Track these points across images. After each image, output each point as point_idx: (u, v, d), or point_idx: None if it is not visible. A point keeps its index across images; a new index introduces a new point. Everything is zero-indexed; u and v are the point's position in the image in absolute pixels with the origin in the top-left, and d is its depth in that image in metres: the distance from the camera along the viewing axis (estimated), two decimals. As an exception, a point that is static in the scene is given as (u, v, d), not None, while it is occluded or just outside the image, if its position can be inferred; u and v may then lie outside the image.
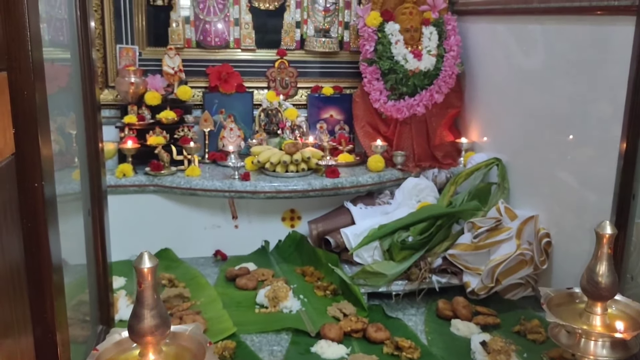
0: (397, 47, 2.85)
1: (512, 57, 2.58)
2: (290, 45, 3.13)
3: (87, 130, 1.74)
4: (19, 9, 0.97)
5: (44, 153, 1.01)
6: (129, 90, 2.77)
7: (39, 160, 1.00)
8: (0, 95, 0.92)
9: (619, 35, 1.90)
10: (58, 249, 1.12)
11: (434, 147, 2.93)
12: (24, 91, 1.00)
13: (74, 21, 1.62)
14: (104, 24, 2.87)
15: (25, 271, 1.03)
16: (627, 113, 1.86)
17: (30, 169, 1.00)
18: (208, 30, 3.05)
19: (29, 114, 1.00)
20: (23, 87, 0.99)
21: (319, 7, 3.11)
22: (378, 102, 2.86)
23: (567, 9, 2.14)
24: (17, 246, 0.99)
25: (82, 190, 1.70)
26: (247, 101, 3.01)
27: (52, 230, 1.06)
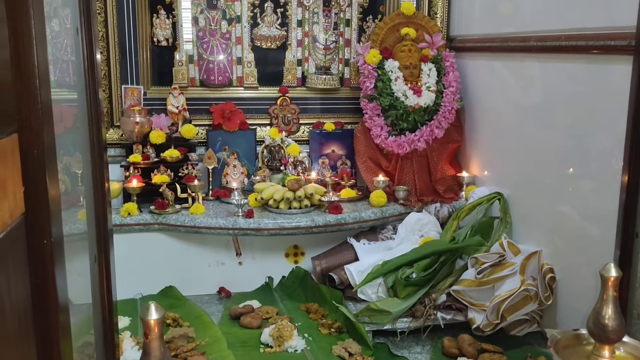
0: (397, 84, 2.90)
1: (510, 92, 2.63)
2: (292, 82, 3.19)
3: (94, 169, 1.76)
4: (30, 69, 1.01)
5: (53, 210, 1.03)
6: (134, 130, 2.81)
7: (48, 218, 1.02)
8: (11, 157, 0.95)
9: (616, 72, 1.94)
10: (65, 291, 1.13)
11: (435, 182, 2.95)
12: (33, 150, 1.02)
13: (81, 63, 1.65)
14: (110, 65, 2.92)
15: (31, 312, 1.04)
16: (628, 150, 1.89)
17: (39, 227, 1.02)
18: (211, 69, 3.11)
19: (38, 172, 1.02)
20: (33, 146, 1.02)
21: (320, 46, 3.18)
22: (379, 137, 2.90)
23: (564, 48, 2.18)
24: (23, 289, 1.01)
25: (88, 230, 1.72)
26: (250, 138, 3.05)
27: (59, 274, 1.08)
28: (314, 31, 3.17)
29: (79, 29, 1.56)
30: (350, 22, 3.20)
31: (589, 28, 2.06)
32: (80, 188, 1.69)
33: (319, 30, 3.16)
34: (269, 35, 3.14)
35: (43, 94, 1.04)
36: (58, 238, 1.08)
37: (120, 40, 2.93)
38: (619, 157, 1.93)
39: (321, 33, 3.17)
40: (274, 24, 3.14)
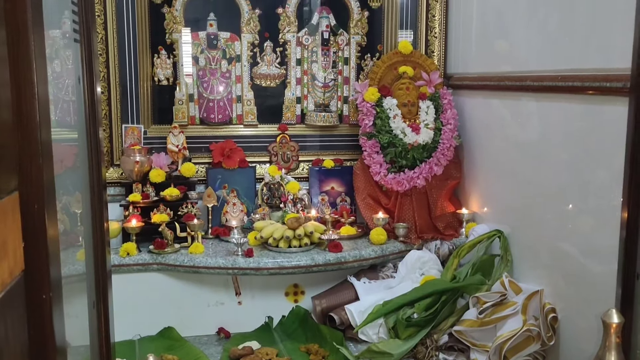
0: (396, 121, 2.92)
1: (508, 129, 2.65)
2: (291, 119, 3.21)
3: (93, 209, 1.75)
4: (32, 122, 1.01)
5: (52, 265, 1.03)
6: (134, 169, 2.82)
7: (48, 274, 1.02)
8: (12, 216, 0.95)
9: (613, 112, 1.95)
10: (63, 338, 1.12)
11: (435, 219, 2.95)
12: (34, 204, 1.03)
13: (82, 103, 1.66)
14: (111, 104, 2.95)
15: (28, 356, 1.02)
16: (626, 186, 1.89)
17: (38, 283, 1.01)
18: (211, 107, 3.14)
19: (38, 227, 1.02)
20: (33, 200, 1.02)
21: (319, 84, 3.21)
22: (378, 174, 2.91)
23: (561, 88, 2.21)
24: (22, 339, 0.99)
25: (87, 272, 1.71)
26: (250, 176, 3.06)
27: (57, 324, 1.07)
28: (313, 69, 3.21)
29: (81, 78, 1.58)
30: (348, 60, 3.25)
31: (584, 69, 2.09)
32: (80, 228, 1.68)
33: (318, 68, 3.20)
34: (269, 73, 3.18)
35: (45, 146, 1.04)
36: (57, 292, 1.08)
37: (121, 80, 2.97)
38: (617, 192, 1.93)
39: (320, 71, 3.21)
40: (274, 63, 3.18)
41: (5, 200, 0.92)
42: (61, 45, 1.52)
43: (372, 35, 3.26)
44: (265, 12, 3.14)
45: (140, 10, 2.97)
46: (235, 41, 3.13)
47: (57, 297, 1.08)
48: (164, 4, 3.02)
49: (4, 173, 0.94)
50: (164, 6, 3.03)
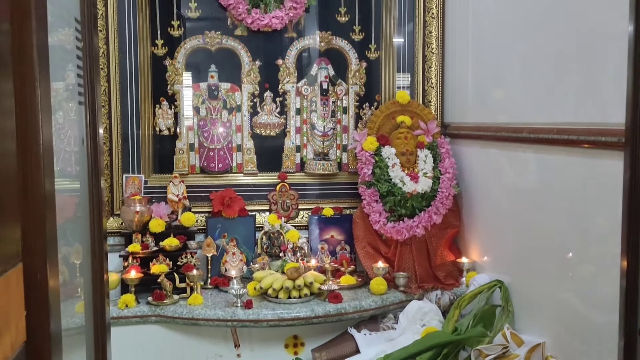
0: (394, 170, 2.95)
1: (506, 178, 2.67)
2: (290, 168, 3.24)
3: (93, 260, 1.75)
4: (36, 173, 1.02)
5: (54, 336, 1.03)
6: (134, 219, 2.82)
7: (49, 345, 1.01)
8: (16, 288, 0.95)
9: (609, 166, 1.97)
10: None
11: (435, 268, 2.94)
12: (37, 274, 1.03)
13: (85, 154, 1.68)
14: (112, 154, 2.98)
15: None
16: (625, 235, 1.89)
17: (40, 354, 1.01)
18: (212, 156, 3.17)
19: (40, 297, 1.02)
20: (36, 270, 1.03)
21: (318, 133, 3.25)
22: (378, 223, 2.92)
23: (557, 141, 2.23)
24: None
25: (86, 325, 1.69)
26: (250, 225, 3.06)
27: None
28: (312, 119, 3.26)
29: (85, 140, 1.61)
30: (347, 109, 3.30)
31: (579, 123, 2.12)
32: (79, 280, 1.68)
33: (317, 117, 3.25)
34: (269, 123, 3.23)
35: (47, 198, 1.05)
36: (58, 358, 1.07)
37: (123, 130, 3.01)
38: (617, 239, 1.93)
39: (319, 120, 3.25)
40: (274, 112, 3.23)
41: (9, 273, 0.93)
42: (64, 97, 1.55)
43: (370, 85, 3.32)
44: (266, 64, 3.20)
45: (143, 63, 3.04)
46: (235, 92, 3.19)
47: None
48: (166, 56, 3.09)
49: (7, 245, 0.95)
50: (166, 58, 3.09)
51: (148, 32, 3.06)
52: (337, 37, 3.26)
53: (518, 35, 2.55)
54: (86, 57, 1.66)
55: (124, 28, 2.98)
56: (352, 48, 3.28)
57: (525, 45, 2.50)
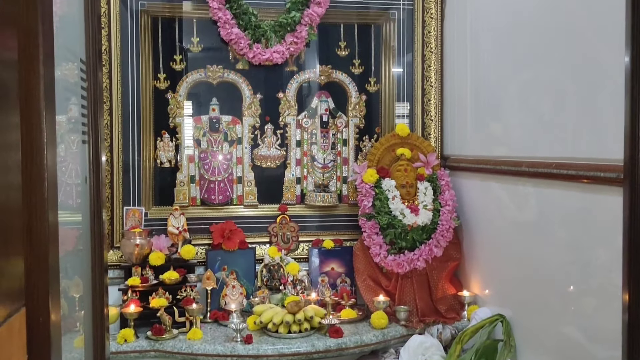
0: (395, 203, 2.96)
1: (506, 211, 2.67)
2: (291, 200, 3.25)
3: (93, 294, 1.74)
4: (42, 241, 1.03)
5: (53, 381, 1.02)
6: (134, 252, 2.82)
7: (48, 391, 1.00)
8: (18, 334, 0.95)
9: (608, 201, 1.98)
10: None
11: (436, 301, 2.92)
12: (39, 317, 1.03)
13: (87, 188, 1.69)
14: (113, 187, 2.99)
15: None
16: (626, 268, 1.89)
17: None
18: (212, 188, 3.18)
19: (42, 340, 1.02)
20: (39, 313, 1.03)
21: (318, 165, 3.27)
22: (378, 256, 2.91)
23: (555, 175, 2.25)
24: None
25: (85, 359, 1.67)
26: (250, 257, 3.05)
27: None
28: (313, 151, 3.28)
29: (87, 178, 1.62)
30: (347, 141, 3.32)
31: (578, 158, 2.14)
32: (78, 314, 1.66)
33: (317, 150, 3.27)
34: (269, 155, 3.25)
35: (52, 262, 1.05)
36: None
37: (124, 163, 3.03)
38: (618, 271, 1.92)
39: (319, 153, 3.27)
40: (274, 145, 3.25)
41: (12, 319, 0.93)
42: (66, 130, 1.56)
43: (370, 117, 3.35)
44: (266, 96, 3.24)
45: (145, 96, 3.07)
46: (236, 124, 3.21)
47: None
48: (168, 89, 3.13)
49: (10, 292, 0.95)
50: (168, 92, 3.13)
51: (150, 66, 3.10)
52: (337, 70, 3.31)
53: (516, 68, 2.59)
54: (90, 92, 1.68)
55: (126, 62, 3.02)
56: (352, 81, 3.32)
57: (523, 79, 2.53)
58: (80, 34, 1.63)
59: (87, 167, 1.64)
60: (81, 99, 1.65)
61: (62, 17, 1.42)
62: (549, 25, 2.31)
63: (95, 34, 1.68)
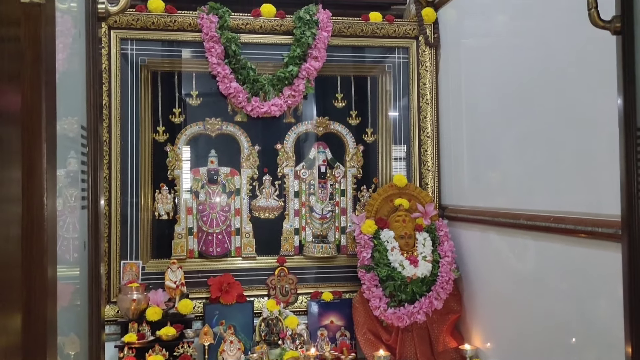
0: (394, 254, 2.94)
1: (506, 262, 2.65)
2: (289, 251, 3.23)
3: (90, 351, 1.70)
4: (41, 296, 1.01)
5: None
6: (131, 307, 2.79)
7: None
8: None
9: (607, 257, 1.98)
10: None
11: (438, 355, 2.88)
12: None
13: (85, 242, 1.67)
14: (110, 241, 2.98)
15: None
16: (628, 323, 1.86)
17: None
18: (210, 240, 3.16)
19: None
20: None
21: (317, 215, 3.27)
22: (378, 309, 2.88)
23: (554, 229, 2.25)
24: None
25: None
26: (248, 311, 3.02)
27: None
28: (311, 201, 3.28)
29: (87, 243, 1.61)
30: (345, 192, 3.33)
31: (575, 212, 2.14)
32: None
33: (316, 200, 3.28)
34: (267, 206, 3.25)
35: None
36: None
37: (122, 216, 3.02)
38: (620, 321, 1.89)
39: (318, 203, 3.28)
40: (272, 196, 3.26)
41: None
42: (65, 183, 1.56)
43: (368, 167, 3.37)
44: (264, 148, 3.27)
45: (144, 149, 3.10)
46: (235, 176, 3.23)
47: None
48: (167, 142, 3.16)
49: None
50: (167, 144, 3.15)
51: (150, 119, 3.13)
52: (335, 121, 3.35)
53: (510, 119, 2.61)
54: (91, 147, 1.69)
55: (126, 116, 3.06)
56: (349, 132, 3.36)
57: (518, 130, 2.56)
58: (82, 89, 1.66)
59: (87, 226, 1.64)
60: (81, 155, 1.66)
61: (64, 74, 1.44)
62: (542, 78, 2.35)
63: (96, 89, 1.71)
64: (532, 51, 2.43)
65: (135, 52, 3.08)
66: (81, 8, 1.58)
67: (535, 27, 2.40)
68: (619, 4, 1.70)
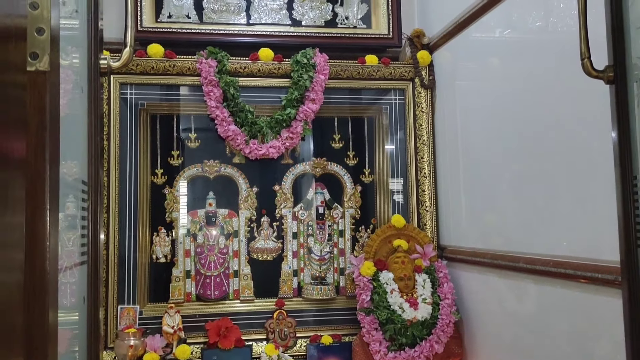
0: (393, 296, 2.92)
1: (506, 304, 2.64)
2: (287, 293, 3.20)
3: None
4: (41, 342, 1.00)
5: None
6: (128, 354, 2.74)
7: None
8: None
9: (608, 303, 1.97)
10: None
11: (440, 400, 2.83)
12: None
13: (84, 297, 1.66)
14: (108, 284, 2.96)
15: None
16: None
17: None
18: (208, 283, 3.14)
19: None
20: None
21: (315, 257, 3.26)
22: (378, 353, 2.84)
23: (554, 273, 2.24)
24: None
25: None
26: (246, 356, 2.97)
27: None
28: (309, 243, 3.27)
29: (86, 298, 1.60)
30: (343, 232, 3.33)
31: (575, 257, 2.14)
32: None
33: (314, 241, 3.27)
34: (266, 247, 3.24)
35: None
36: None
37: (120, 260, 3.00)
38: None
39: (316, 244, 3.27)
40: (270, 237, 3.25)
41: None
42: (63, 227, 1.56)
43: (366, 207, 3.38)
44: (262, 189, 3.27)
45: (142, 192, 3.10)
46: (233, 217, 3.23)
47: None
48: (165, 184, 3.16)
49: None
50: (166, 187, 3.16)
51: (148, 162, 3.15)
52: (332, 162, 3.37)
53: (507, 159, 2.62)
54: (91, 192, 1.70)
55: (125, 159, 3.07)
56: (346, 172, 3.38)
57: (515, 169, 2.57)
58: (82, 136, 1.67)
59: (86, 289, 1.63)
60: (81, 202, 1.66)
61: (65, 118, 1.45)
62: (538, 117, 2.38)
63: (97, 133, 1.72)
64: (527, 93, 2.46)
65: (135, 96, 3.12)
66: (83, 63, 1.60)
67: (530, 70, 2.44)
68: (612, 53, 1.73)
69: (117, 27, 2.84)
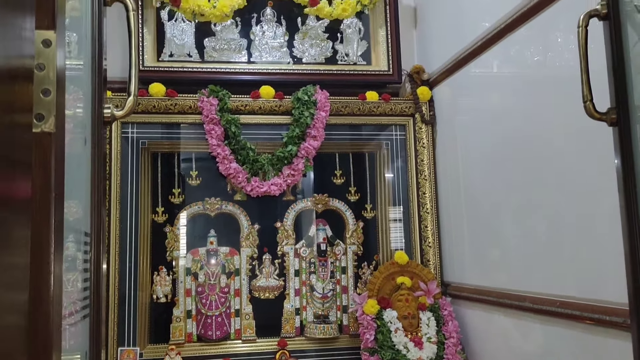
0: (397, 336, 2.88)
1: (513, 343, 2.59)
2: (290, 332, 3.15)
3: None
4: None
5: None
6: (127, 399, 2.69)
7: None
8: None
9: (616, 346, 1.93)
10: None
11: None
12: None
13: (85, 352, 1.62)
14: (108, 327, 2.91)
15: None
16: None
17: None
18: (209, 323, 3.09)
19: None
20: None
21: (317, 295, 3.22)
22: (384, 395, 2.78)
23: (560, 314, 2.21)
24: None
25: None
26: (248, 398, 2.91)
27: None
28: (311, 280, 3.24)
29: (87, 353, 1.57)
30: (346, 269, 3.30)
31: (581, 298, 2.11)
32: None
33: (316, 279, 3.24)
34: (267, 285, 3.20)
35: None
36: None
37: (120, 300, 2.96)
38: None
39: (318, 282, 3.23)
40: (272, 275, 3.22)
41: None
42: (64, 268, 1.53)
43: (368, 244, 3.35)
44: (264, 227, 3.25)
45: (143, 231, 3.08)
46: (234, 255, 3.20)
47: None
48: (166, 223, 3.14)
49: None
50: (166, 225, 3.14)
51: (149, 201, 3.13)
52: (334, 198, 3.35)
53: (509, 195, 2.61)
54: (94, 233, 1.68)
55: (126, 198, 3.05)
56: (348, 208, 3.36)
57: (517, 204, 2.55)
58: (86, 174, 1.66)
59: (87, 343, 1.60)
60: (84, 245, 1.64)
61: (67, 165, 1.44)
62: (539, 150, 2.37)
63: (100, 174, 1.71)
64: (527, 127, 2.45)
65: (136, 135, 3.12)
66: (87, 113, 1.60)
67: (530, 104, 2.44)
68: (614, 95, 1.73)
69: (120, 65, 2.84)
